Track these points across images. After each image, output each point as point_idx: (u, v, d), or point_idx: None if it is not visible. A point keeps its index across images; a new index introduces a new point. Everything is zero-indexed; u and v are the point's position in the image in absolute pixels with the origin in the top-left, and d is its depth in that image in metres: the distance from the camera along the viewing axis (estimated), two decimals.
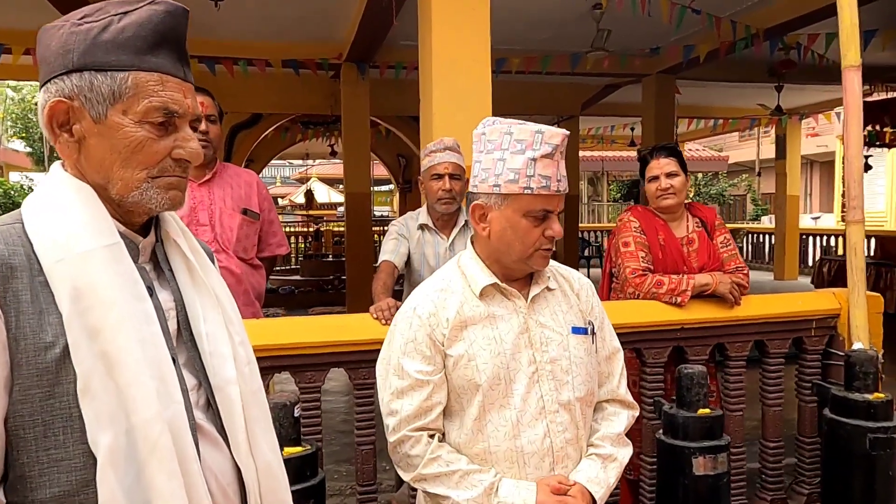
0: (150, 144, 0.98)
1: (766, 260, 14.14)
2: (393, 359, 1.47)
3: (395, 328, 1.50)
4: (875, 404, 2.33)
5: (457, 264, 1.54)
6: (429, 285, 1.52)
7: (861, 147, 2.55)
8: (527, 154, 1.36)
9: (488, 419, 1.41)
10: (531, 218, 1.38)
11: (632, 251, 2.57)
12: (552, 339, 1.45)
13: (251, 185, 2.62)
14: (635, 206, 2.74)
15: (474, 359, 1.41)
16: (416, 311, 1.46)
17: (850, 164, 2.56)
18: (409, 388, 1.43)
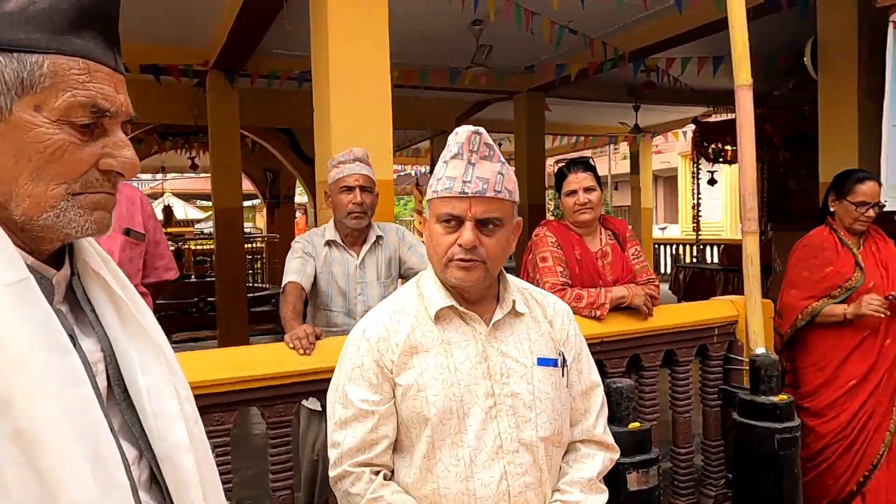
0: (73, 151, 0.75)
1: None
2: (339, 385, 1.33)
3: (345, 352, 1.36)
4: (780, 406, 2.45)
5: (415, 284, 1.40)
6: (384, 306, 1.38)
7: (754, 161, 2.69)
8: (441, 157, 1.30)
9: (438, 457, 1.27)
10: (442, 224, 1.28)
11: (550, 266, 2.54)
12: (514, 370, 1.32)
13: (134, 202, 2.29)
14: (550, 221, 2.72)
15: (424, 389, 1.27)
16: (366, 334, 1.32)
17: (744, 176, 2.69)
18: (353, 419, 1.28)
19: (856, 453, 2.91)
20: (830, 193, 3.07)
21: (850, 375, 2.91)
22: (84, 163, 0.76)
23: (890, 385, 2.92)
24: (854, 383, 2.90)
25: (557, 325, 1.42)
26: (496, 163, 1.28)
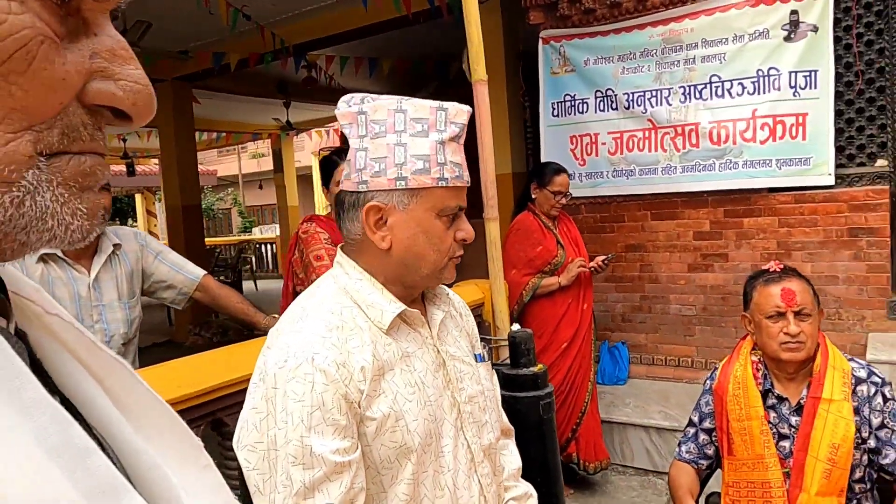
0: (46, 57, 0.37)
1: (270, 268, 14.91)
2: (291, 440, 0.95)
3: (279, 392, 0.97)
4: (539, 374, 2.67)
5: (342, 290, 1.09)
6: (314, 323, 1.03)
7: (492, 154, 2.88)
8: (432, 136, 1.04)
9: (423, 493, 1.05)
10: (445, 218, 1.08)
11: (327, 264, 2.32)
12: (465, 372, 1.16)
13: None
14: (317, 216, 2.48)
15: (402, 417, 1.03)
16: (316, 362, 0.97)
17: (485, 166, 2.86)
18: (324, 479, 0.95)
19: (570, 406, 3.39)
20: (532, 182, 3.49)
21: (563, 339, 3.37)
22: (67, 85, 0.39)
23: (587, 343, 3.47)
24: (566, 345, 3.37)
25: (465, 316, 1.31)
26: None
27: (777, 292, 1.85)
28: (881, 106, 3.74)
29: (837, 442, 1.74)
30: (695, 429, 2.06)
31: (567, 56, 4.53)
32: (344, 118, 1.07)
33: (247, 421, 1.00)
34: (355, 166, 1.06)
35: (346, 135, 1.07)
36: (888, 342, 3.60)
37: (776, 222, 4.02)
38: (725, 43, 3.99)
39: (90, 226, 0.41)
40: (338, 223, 1.14)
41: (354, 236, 1.10)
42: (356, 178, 1.06)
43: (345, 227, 1.11)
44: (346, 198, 1.09)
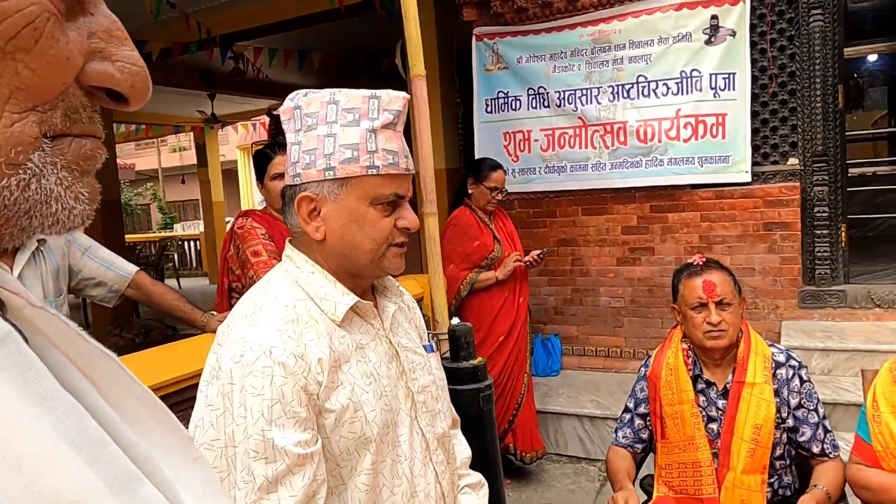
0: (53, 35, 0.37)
1: (194, 266, 14.42)
2: (251, 435, 0.94)
3: (236, 388, 0.96)
4: (479, 367, 2.71)
5: (294, 284, 1.09)
6: (269, 317, 1.03)
7: (430, 149, 2.89)
8: (363, 125, 1.04)
9: (382, 483, 1.06)
10: (380, 206, 1.07)
11: (265, 260, 2.27)
12: (417, 362, 1.18)
13: None
14: (252, 212, 2.42)
15: (360, 407, 1.03)
16: (274, 355, 0.97)
17: (423, 161, 2.87)
18: (287, 472, 0.94)
19: (507, 398, 3.45)
20: (469, 178, 3.52)
21: (500, 332, 3.43)
22: (71, 65, 0.38)
23: (523, 336, 3.54)
24: (503, 338, 3.42)
25: (412, 308, 1.32)
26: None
27: (699, 284, 1.96)
28: (793, 108, 3.98)
29: (760, 422, 1.86)
30: (630, 414, 2.14)
31: (500, 53, 4.59)
32: (284, 114, 1.08)
33: (202, 419, 0.98)
34: (290, 160, 1.08)
35: (285, 130, 1.08)
36: (800, 329, 3.84)
37: (698, 217, 4.22)
38: (651, 44, 4.14)
39: (90, 210, 0.41)
40: (284, 218, 1.15)
41: (296, 229, 1.11)
42: (291, 172, 1.08)
43: (288, 222, 1.12)
44: (285, 192, 1.10)
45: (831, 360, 3.55)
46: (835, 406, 3.22)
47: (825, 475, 1.87)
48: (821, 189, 3.92)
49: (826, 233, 3.95)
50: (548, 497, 3.43)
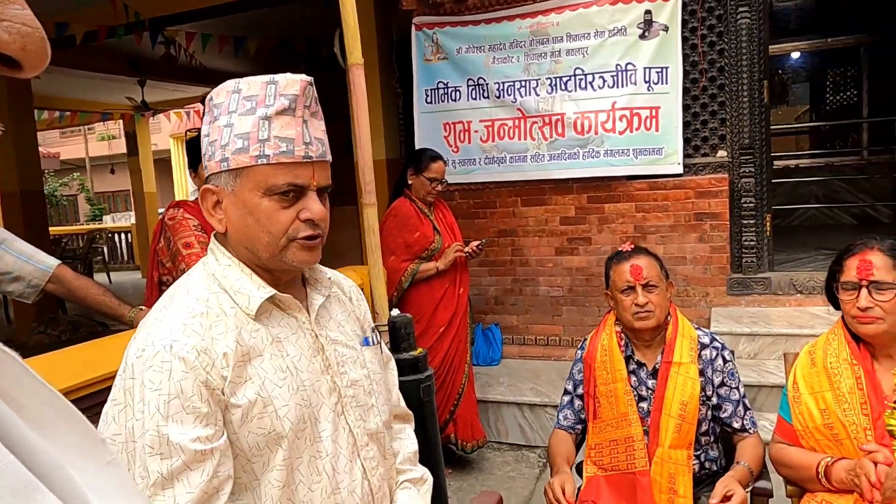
0: None
1: (125, 259, 13.90)
2: (147, 430, 0.93)
3: (136, 382, 0.95)
4: (420, 358, 2.71)
5: (211, 276, 1.06)
6: (177, 311, 1.01)
7: (369, 139, 2.85)
8: (258, 112, 1.01)
9: (298, 479, 1.04)
10: (276, 197, 1.02)
11: (197, 252, 2.20)
12: (348, 356, 1.16)
13: None
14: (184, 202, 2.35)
15: (271, 403, 1.02)
16: (174, 349, 0.96)
17: (362, 152, 2.83)
18: (184, 469, 0.93)
19: (448, 388, 3.46)
20: (409, 168, 3.50)
21: (440, 322, 3.43)
22: None
23: (464, 327, 3.56)
24: (443, 329, 3.43)
25: (355, 300, 1.30)
26: (321, 120, 1.09)
27: (627, 269, 2.04)
28: (722, 102, 4.12)
29: (686, 399, 1.94)
30: (570, 396, 2.20)
31: (440, 43, 4.58)
32: (205, 107, 1.08)
33: (107, 413, 0.98)
34: (203, 152, 1.07)
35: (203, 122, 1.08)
36: (728, 315, 4.00)
37: (633, 207, 4.32)
38: (588, 38, 4.21)
39: None
40: None
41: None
42: (204, 164, 1.07)
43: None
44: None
45: (757, 345, 3.71)
46: (760, 388, 3.37)
47: (747, 452, 1.97)
48: (747, 181, 4.08)
49: (752, 223, 4.12)
50: (488, 484, 3.47)
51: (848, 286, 1.71)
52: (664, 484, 1.92)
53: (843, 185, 7.20)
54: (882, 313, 1.64)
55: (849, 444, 1.65)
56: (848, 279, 1.71)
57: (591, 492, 2.03)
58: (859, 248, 1.72)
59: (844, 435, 1.66)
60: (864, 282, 1.67)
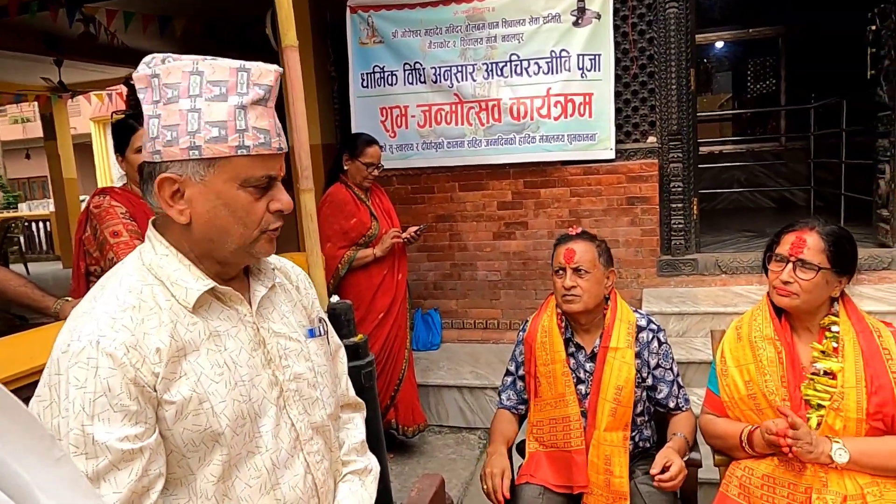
0: None
1: (44, 249, 13.21)
2: (72, 429, 0.89)
3: (62, 379, 0.91)
4: (360, 344, 2.70)
5: (146, 267, 1.02)
6: (106, 304, 0.96)
7: (305, 123, 2.79)
8: (231, 100, 0.98)
9: (235, 476, 1.02)
10: (251, 188, 1.02)
11: (126, 241, 2.12)
12: (291, 349, 1.14)
13: None
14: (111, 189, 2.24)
15: (207, 399, 0.99)
16: (101, 345, 0.91)
17: (298, 135, 2.77)
18: (110, 468, 0.90)
19: (388, 374, 3.47)
20: (344, 154, 3.46)
21: (379, 309, 3.42)
22: None
23: (403, 312, 3.56)
24: (382, 315, 3.42)
25: (303, 289, 1.27)
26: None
27: (562, 251, 2.09)
28: (651, 89, 4.24)
29: (621, 384, 2.00)
30: (512, 377, 2.24)
31: (375, 27, 4.52)
32: (139, 81, 1.00)
33: (31, 410, 0.92)
34: (149, 135, 0.99)
35: (141, 100, 1.00)
36: (658, 296, 4.15)
37: (568, 192, 4.41)
38: (523, 24, 4.25)
39: None
40: (143, 196, 1.06)
41: (157, 209, 1.04)
42: (150, 148, 0.99)
43: (148, 201, 1.04)
44: (143, 168, 1.02)
45: (685, 323, 3.87)
46: (688, 364, 3.52)
47: (681, 424, 2.06)
48: (676, 165, 4.23)
49: (680, 206, 4.27)
50: (430, 467, 3.50)
51: (778, 258, 1.81)
52: (600, 465, 1.98)
53: (763, 170, 7.56)
54: (799, 290, 1.74)
55: (769, 413, 1.75)
56: (780, 252, 1.80)
57: (531, 466, 2.09)
58: (800, 225, 1.80)
59: (765, 405, 1.76)
60: (792, 257, 1.76)
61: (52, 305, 1.95)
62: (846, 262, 1.76)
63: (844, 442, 1.62)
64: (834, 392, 1.68)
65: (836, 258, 1.74)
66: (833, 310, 1.78)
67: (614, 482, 1.96)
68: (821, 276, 1.72)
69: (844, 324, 1.74)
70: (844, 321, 1.75)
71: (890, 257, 4.02)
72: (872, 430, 1.65)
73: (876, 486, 1.62)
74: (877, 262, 4.03)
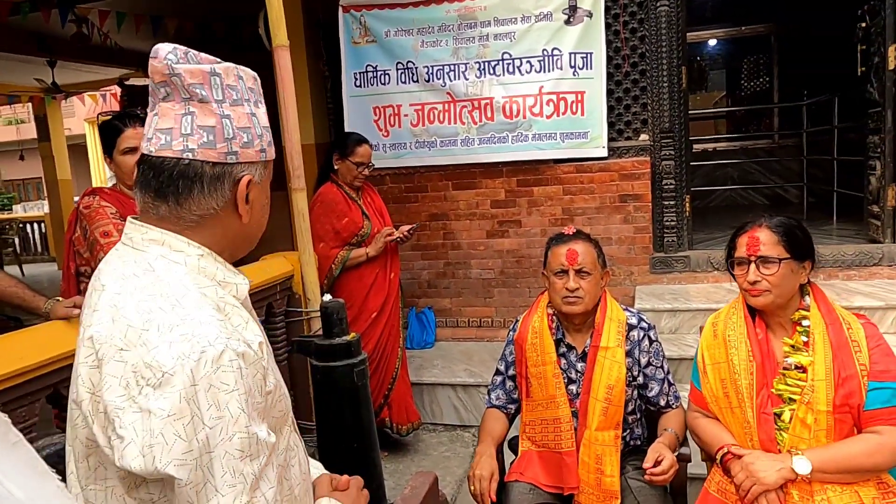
0: None
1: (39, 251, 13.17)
2: (234, 434, 0.87)
3: (200, 388, 0.85)
4: (353, 342, 2.70)
5: (193, 270, 0.97)
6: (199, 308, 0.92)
7: (297, 122, 2.81)
8: (261, 108, 1.06)
9: (289, 457, 1.06)
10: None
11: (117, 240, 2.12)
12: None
13: None
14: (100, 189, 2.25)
15: (282, 385, 1.04)
16: (233, 347, 0.89)
17: (289, 136, 2.79)
18: (266, 466, 0.92)
19: (381, 373, 3.47)
20: (334, 153, 3.46)
21: (372, 308, 3.43)
22: None
23: (396, 312, 3.57)
24: (375, 315, 3.43)
25: None
26: None
27: (563, 252, 2.07)
28: (643, 87, 4.26)
29: (612, 383, 2.01)
30: (502, 377, 2.24)
31: (368, 26, 4.53)
32: (194, 76, 0.95)
33: (160, 434, 0.83)
34: (223, 135, 0.96)
35: (203, 97, 0.95)
36: (651, 293, 4.17)
37: (561, 190, 4.43)
38: (515, 22, 4.26)
39: None
40: (169, 196, 0.96)
41: (203, 211, 0.98)
42: (224, 148, 0.97)
43: (192, 201, 0.97)
44: (204, 169, 0.96)
45: (678, 320, 3.88)
46: (681, 361, 3.54)
47: (672, 420, 2.07)
48: (668, 163, 4.25)
49: (673, 203, 4.29)
50: (424, 465, 3.51)
51: (739, 262, 1.83)
52: (591, 464, 1.99)
53: (756, 167, 7.58)
54: (769, 286, 1.76)
55: (738, 413, 1.77)
56: (739, 255, 1.83)
57: (521, 464, 2.10)
58: (749, 225, 1.84)
59: (736, 403, 1.78)
60: (752, 257, 1.79)
61: (43, 306, 1.95)
62: (802, 247, 1.79)
63: (805, 453, 1.64)
64: (804, 386, 1.70)
65: (792, 246, 1.77)
66: (804, 303, 1.80)
67: (605, 481, 1.96)
68: (784, 267, 1.75)
69: (815, 317, 1.76)
70: (815, 315, 1.77)
71: (880, 253, 4.04)
72: (840, 423, 1.67)
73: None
74: (867, 257, 4.05)
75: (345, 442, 2.64)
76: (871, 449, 1.63)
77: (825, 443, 1.67)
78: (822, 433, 1.67)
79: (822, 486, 1.64)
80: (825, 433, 1.67)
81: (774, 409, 1.73)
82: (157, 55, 0.96)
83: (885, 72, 3.99)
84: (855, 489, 1.64)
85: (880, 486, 1.66)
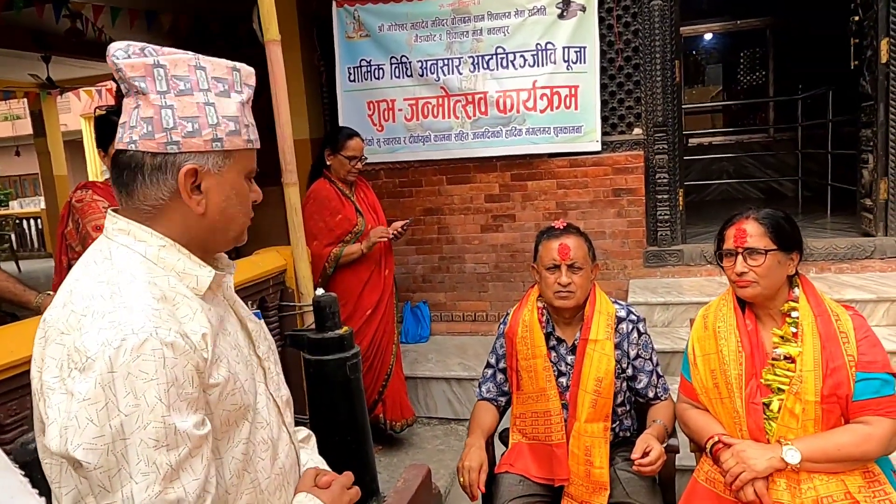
0: None
1: (36, 247, 13.17)
2: (149, 423, 0.87)
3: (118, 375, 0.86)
4: (346, 336, 2.71)
5: (148, 259, 1.00)
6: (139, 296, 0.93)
7: (289, 117, 2.81)
8: (233, 97, 1.04)
9: (253, 450, 1.06)
10: (248, 180, 1.10)
11: None
12: (256, 331, 1.19)
13: None
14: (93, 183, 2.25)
15: (237, 378, 1.03)
16: (160, 335, 0.90)
17: (281, 130, 2.79)
18: (188, 457, 0.91)
19: (376, 370, 3.48)
20: (326, 149, 3.45)
21: (367, 305, 3.43)
22: None
23: (391, 308, 3.57)
24: (370, 312, 3.43)
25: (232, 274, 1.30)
26: None
27: (555, 247, 2.08)
28: (637, 81, 4.26)
29: (601, 375, 2.02)
30: (492, 370, 2.25)
31: (361, 21, 4.53)
32: (135, 69, 0.96)
33: (75, 417, 0.86)
34: (162, 125, 0.97)
35: (141, 89, 0.97)
36: (644, 286, 4.18)
37: (555, 185, 4.43)
38: (508, 17, 4.26)
39: None
40: (122, 188, 1.02)
41: (154, 202, 1.00)
42: (163, 139, 0.98)
43: (139, 192, 1.00)
44: (145, 159, 0.98)
45: (671, 313, 3.90)
46: (674, 354, 3.55)
47: (661, 411, 2.09)
48: (661, 157, 4.25)
49: (666, 197, 4.30)
50: (419, 459, 3.53)
51: (727, 254, 1.85)
52: (581, 456, 2.00)
53: (751, 161, 7.59)
54: (756, 277, 1.78)
55: (727, 403, 1.79)
56: (727, 248, 1.84)
57: (512, 456, 2.11)
58: (736, 218, 1.85)
59: (726, 394, 1.79)
60: (739, 249, 1.80)
61: (34, 300, 1.96)
62: (789, 239, 1.80)
63: (795, 442, 1.66)
64: (793, 376, 1.71)
65: (779, 238, 1.78)
66: (794, 295, 1.82)
67: (594, 472, 1.98)
68: (771, 258, 1.77)
69: (804, 308, 1.78)
70: (804, 306, 1.78)
71: (873, 246, 4.06)
72: (828, 413, 1.69)
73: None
74: (859, 250, 4.07)
75: (338, 435, 2.66)
76: (858, 439, 1.65)
77: (813, 432, 1.69)
78: (811, 423, 1.69)
79: (810, 475, 1.65)
80: (813, 423, 1.69)
81: (763, 399, 1.75)
82: (108, 53, 0.99)
83: (877, 65, 4.00)
84: (841, 478, 1.65)
85: (866, 474, 1.68)
